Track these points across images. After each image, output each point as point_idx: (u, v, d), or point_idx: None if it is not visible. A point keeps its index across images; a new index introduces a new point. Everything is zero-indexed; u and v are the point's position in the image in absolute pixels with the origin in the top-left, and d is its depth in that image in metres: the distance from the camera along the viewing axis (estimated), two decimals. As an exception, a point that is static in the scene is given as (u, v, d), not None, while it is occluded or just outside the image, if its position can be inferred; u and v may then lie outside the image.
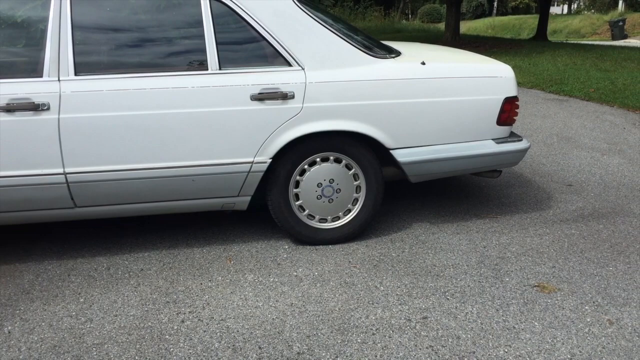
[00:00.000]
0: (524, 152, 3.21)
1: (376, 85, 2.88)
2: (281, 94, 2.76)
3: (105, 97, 2.62)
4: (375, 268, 2.82)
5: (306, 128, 2.82)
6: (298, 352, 2.18)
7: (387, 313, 2.43)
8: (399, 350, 2.19)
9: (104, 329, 2.33)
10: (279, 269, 2.82)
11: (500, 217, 3.46)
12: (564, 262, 2.88)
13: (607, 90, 7.53)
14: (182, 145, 2.72)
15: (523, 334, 2.28)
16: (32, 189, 2.63)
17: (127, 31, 2.75)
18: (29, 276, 2.76)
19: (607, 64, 10.02)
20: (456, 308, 2.47)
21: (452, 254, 2.97)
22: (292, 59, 2.81)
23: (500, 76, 3.10)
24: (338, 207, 3.04)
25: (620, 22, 22.73)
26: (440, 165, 3.07)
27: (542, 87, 8.23)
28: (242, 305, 2.49)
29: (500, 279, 2.71)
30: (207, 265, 2.87)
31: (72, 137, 2.61)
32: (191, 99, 2.69)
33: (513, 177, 4.20)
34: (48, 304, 2.52)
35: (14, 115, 2.54)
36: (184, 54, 2.78)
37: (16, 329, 2.33)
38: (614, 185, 4.02)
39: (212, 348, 2.20)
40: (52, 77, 2.60)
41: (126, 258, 2.95)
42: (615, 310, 2.44)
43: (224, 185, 2.84)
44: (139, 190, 2.76)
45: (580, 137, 5.37)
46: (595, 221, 3.38)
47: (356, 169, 3.00)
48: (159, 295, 2.58)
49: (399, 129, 2.94)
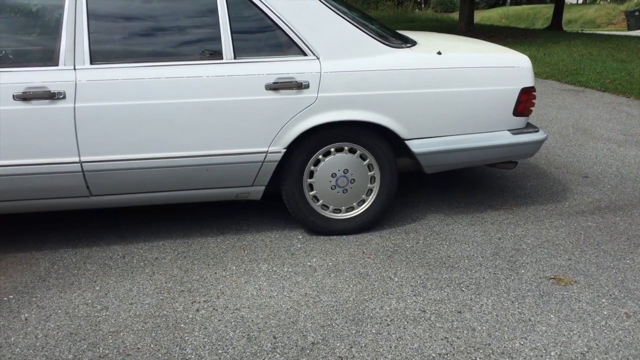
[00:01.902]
0: (540, 143, 3.17)
1: (392, 75, 2.86)
2: (296, 84, 2.75)
3: (120, 86, 2.62)
4: (389, 259, 2.81)
5: (321, 118, 2.81)
6: (312, 342, 2.18)
7: (401, 304, 2.42)
8: (413, 341, 2.18)
9: (119, 317, 2.34)
10: (293, 259, 2.82)
11: (515, 209, 3.43)
12: (580, 254, 2.85)
13: (623, 81, 7.44)
14: (196, 134, 2.72)
15: (539, 327, 2.26)
16: (48, 177, 2.65)
17: (142, 20, 2.74)
18: (45, 264, 2.78)
19: (623, 54, 9.89)
20: (471, 300, 2.46)
21: (466, 246, 2.95)
22: (307, 48, 2.80)
23: (517, 66, 3.07)
24: (352, 197, 3.03)
25: (637, 12, 22.39)
26: (455, 156, 3.04)
27: (557, 77, 8.15)
28: (256, 295, 2.50)
29: (515, 270, 2.70)
30: (221, 254, 2.87)
31: (87, 126, 2.62)
32: (206, 89, 2.69)
33: (528, 169, 4.16)
34: (64, 291, 2.54)
35: (30, 103, 2.55)
36: (199, 43, 2.77)
37: (33, 316, 2.35)
38: (631, 177, 3.97)
39: (227, 337, 2.21)
40: (68, 66, 2.60)
41: (141, 247, 2.96)
42: (632, 303, 2.42)
43: (238, 175, 2.84)
44: (154, 179, 2.77)
45: (596, 128, 5.31)
46: (612, 213, 3.35)
47: (370, 159, 2.98)
48: (174, 284, 2.59)
49: (414, 120, 2.91)
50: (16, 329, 2.26)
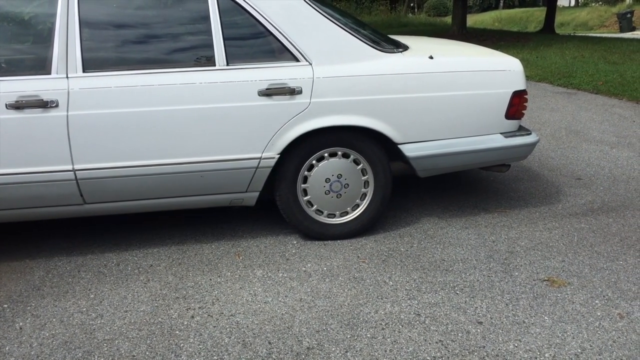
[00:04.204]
0: (532, 145, 3.19)
1: (384, 79, 2.87)
2: (289, 90, 2.76)
3: (113, 93, 2.63)
4: (384, 263, 2.82)
5: (314, 123, 2.82)
6: (308, 347, 2.18)
7: (396, 308, 2.43)
8: (408, 344, 2.19)
9: (114, 324, 2.34)
10: (288, 264, 2.83)
11: (509, 212, 3.45)
12: (573, 256, 2.87)
13: (615, 83, 7.48)
14: (190, 141, 2.72)
15: (533, 329, 2.27)
16: (42, 185, 2.64)
17: (135, 28, 2.75)
18: (40, 273, 2.77)
19: (615, 56, 9.94)
20: (465, 303, 2.46)
21: (461, 249, 2.96)
22: (300, 54, 2.81)
23: (508, 69, 3.09)
24: (346, 202, 3.04)
25: (628, 14, 22.52)
26: (448, 160, 3.06)
27: (550, 80, 8.19)
28: (251, 301, 2.50)
29: (509, 273, 2.71)
30: (216, 261, 2.87)
31: (80, 134, 2.62)
32: (199, 95, 2.69)
33: (522, 171, 4.18)
34: (59, 300, 2.53)
35: (23, 112, 2.55)
36: (192, 50, 2.78)
37: (27, 325, 2.34)
38: (624, 178, 3.99)
39: (222, 343, 2.21)
40: (61, 74, 2.61)
41: (135, 254, 2.96)
42: (626, 304, 2.43)
43: (233, 181, 2.85)
44: (148, 187, 2.77)
45: (588, 130, 5.34)
46: (605, 215, 3.37)
47: (364, 164, 2.99)
48: (169, 291, 2.59)
49: (406, 124, 2.93)
50: (11, 338, 2.26)
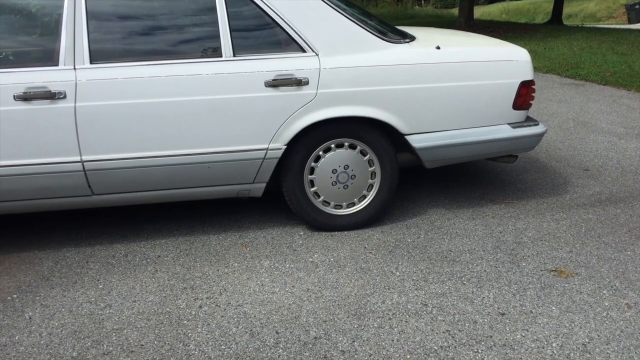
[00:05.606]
0: (540, 136, 3.18)
1: (391, 70, 2.86)
2: (295, 80, 2.76)
3: (120, 85, 2.64)
4: (390, 254, 2.82)
5: (321, 114, 2.82)
6: (315, 336, 2.19)
7: (403, 298, 2.43)
8: (415, 334, 2.19)
9: (123, 314, 2.36)
10: (295, 255, 2.83)
11: (516, 203, 3.44)
12: (581, 246, 2.86)
13: (624, 74, 7.42)
14: (197, 132, 2.73)
15: (540, 319, 2.27)
16: (50, 177, 2.66)
17: (142, 19, 2.75)
18: (48, 263, 2.79)
19: (623, 47, 9.86)
20: (473, 293, 2.46)
21: (468, 240, 2.96)
22: (306, 45, 2.80)
23: (516, 60, 3.07)
24: (353, 193, 3.04)
25: (637, 5, 22.31)
26: (455, 151, 3.05)
27: (557, 71, 8.13)
28: (258, 291, 2.51)
29: (516, 263, 2.70)
30: (223, 251, 2.88)
31: (88, 125, 2.63)
32: (205, 86, 2.70)
33: (529, 162, 4.17)
34: (67, 290, 2.55)
35: (31, 103, 2.57)
36: (198, 41, 2.78)
37: (37, 315, 2.36)
38: (632, 169, 3.97)
39: (230, 333, 2.22)
40: (68, 66, 2.62)
41: (143, 245, 2.97)
42: (634, 294, 2.43)
43: (239, 172, 2.85)
44: (155, 178, 2.78)
45: (596, 121, 5.31)
46: (613, 205, 3.35)
47: (371, 155, 2.99)
48: (177, 282, 2.60)
49: (413, 115, 2.92)
50: (20, 328, 2.28)
